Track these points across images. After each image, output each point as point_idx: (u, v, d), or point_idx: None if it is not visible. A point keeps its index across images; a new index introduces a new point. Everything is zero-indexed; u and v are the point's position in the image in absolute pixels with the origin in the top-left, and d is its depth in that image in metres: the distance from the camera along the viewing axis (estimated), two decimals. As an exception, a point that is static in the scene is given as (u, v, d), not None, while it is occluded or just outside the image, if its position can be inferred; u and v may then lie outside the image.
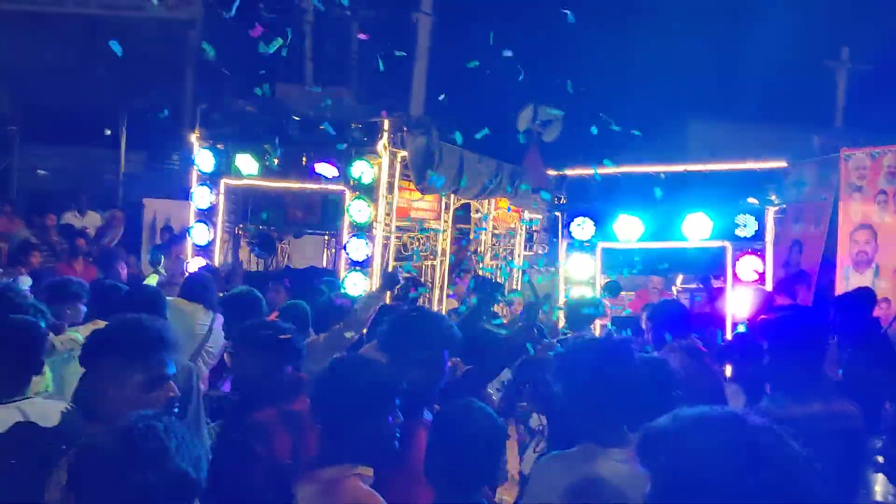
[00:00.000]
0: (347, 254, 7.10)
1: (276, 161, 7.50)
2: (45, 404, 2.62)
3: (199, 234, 7.69)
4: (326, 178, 7.26)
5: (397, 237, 7.73)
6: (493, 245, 9.49)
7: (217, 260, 7.64)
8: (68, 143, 23.93)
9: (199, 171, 7.68)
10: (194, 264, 7.35)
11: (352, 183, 7.12)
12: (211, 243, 7.66)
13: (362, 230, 7.11)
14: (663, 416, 1.59)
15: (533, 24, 15.81)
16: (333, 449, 2.50)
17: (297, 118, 7.35)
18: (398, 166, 7.31)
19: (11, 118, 25.41)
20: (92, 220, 11.79)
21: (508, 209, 9.74)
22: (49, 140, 24.57)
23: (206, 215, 7.71)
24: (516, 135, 15.54)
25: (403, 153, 7.29)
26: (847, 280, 8.19)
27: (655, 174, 7.41)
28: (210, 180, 7.68)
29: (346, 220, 7.15)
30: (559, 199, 7.81)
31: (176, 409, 2.42)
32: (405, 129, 7.22)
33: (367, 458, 2.50)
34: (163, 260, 7.45)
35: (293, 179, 7.52)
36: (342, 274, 7.13)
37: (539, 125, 15.36)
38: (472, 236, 9.24)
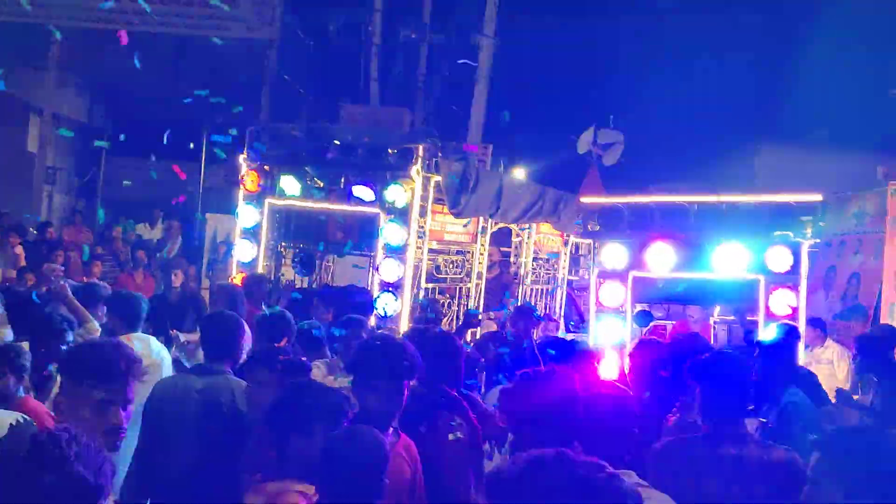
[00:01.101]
0: (380, 275, 7.34)
1: (317, 183, 7.82)
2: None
3: (244, 250, 8.05)
4: (364, 200, 7.51)
5: (431, 259, 7.92)
6: (535, 268, 9.56)
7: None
8: (154, 156, 25.01)
9: (246, 190, 8.04)
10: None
11: (386, 206, 7.35)
12: (255, 260, 8.01)
13: (395, 252, 7.33)
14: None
15: (595, 47, 15.87)
16: (279, 464, 2.71)
17: (337, 143, 7.62)
18: (432, 190, 7.51)
19: (102, 131, 26.75)
20: (158, 233, 12.37)
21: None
22: (136, 153, 25.77)
23: (251, 233, 8.06)
24: (575, 157, 15.65)
25: (438, 178, 7.48)
26: (892, 318, 7.97)
27: (689, 205, 7.38)
28: (255, 200, 8.03)
29: (381, 242, 7.39)
30: (592, 226, 7.84)
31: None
32: (440, 154, 7.41)
33: (309, 475, 2.69)
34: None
35: (333, 201, 7.80)
36: (375, 294, 7.36)
37: (599, 148, 15.40)
38: (511, 259, 9.35)
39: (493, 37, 14.86)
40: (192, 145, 27.12)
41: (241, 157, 8.18)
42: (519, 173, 22.37)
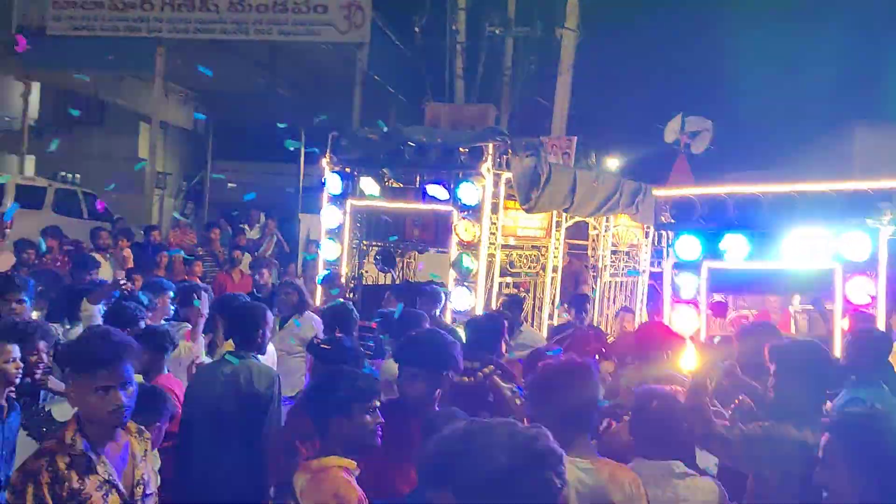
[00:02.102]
0: (454, 270, 7.62)
1: (394, 184, 8.17)
2: None
3: (329, 249, 8.48)
4: (438, 199, 7.80)
5: (506, 254, 8.13)
6: (614, 261, 9.63)
7: (344, 273, 8.40)
8: (254, 159, 26.09)
9: (329, 192, 8.47)
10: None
11: (459, 203, 7.61)
12: (339, 258, 8.43)
13: (469, 248, 7.60)
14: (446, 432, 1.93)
15: (679, 34, 15.67)
16: (323, 444, 3.03)
17: (412, 144, 7.92)
18: (503, 187, 7.71)
19: (205, 136, 28.02)
20: (255, 233, 13.00)
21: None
22: (237, 156, 26.95)
23: (335, 232, 8.49)
24: (662, 146, 15.50)
25: (508, 174, 7.68)
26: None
27: (762, 194, 7.33)
28: (338, 201, 8.44)
29: (454, 238, 7.66)
30: (665, 218, 7.87)
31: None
32: (510, 151, 7.61)
33: (350, 451, 3.01)
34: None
35: (409, 200, 8.12)
36: (451, 288, 7.65)
37: (688, 136, 15.19)
38: (589, 252, 9.45)
39: (575, 29, 14.88)
40: (291, 147, 28.08)
41: (324, 161, 8.59)
42: (612, 163, 22.33)
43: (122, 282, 5.82)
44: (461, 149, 7.70)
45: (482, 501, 1.75)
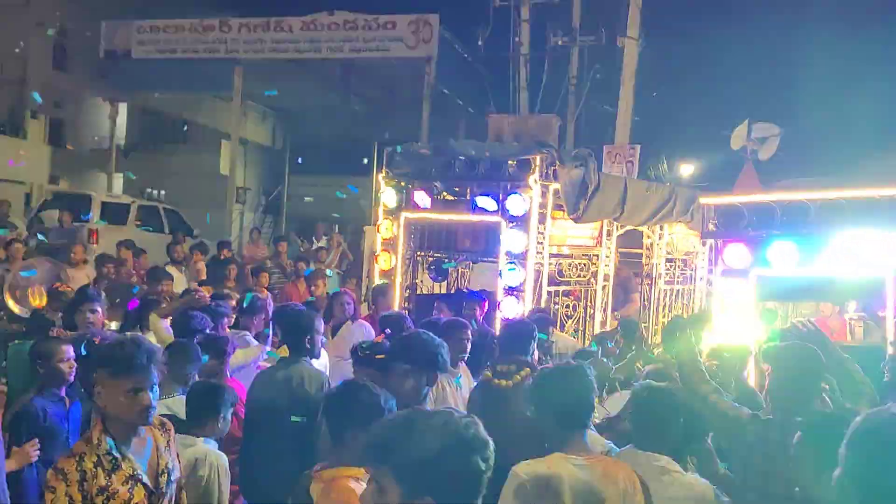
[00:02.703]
0: (503, 279, 7.83)
1: (446, 196, 8.44)
2: None
3: (385, 261, 8.80)
4: (487, 210, 8.03)
5: (556, 263, 8.28)
6: (669, 269, 9.64)
7: (398, 283, 8.71)
8: (329, 173, 26.80)
9: (385, 206, 8.79)
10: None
11: (507, 214, 7.82)
12: (393, 269, 8.74)
13: (516, 257, 7.79)
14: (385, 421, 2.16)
15: (741, 41, 15.48)
16: (336, 454, 3.24)
17: (462, 158, 8.17)
18: (550, 198, 7.88)
19: (283, 152, 28.89)
20: (322, 244, 13.44)
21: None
22: (313, 170, 27.74)
23: (390, 244, 8.80)
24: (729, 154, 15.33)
25: (556, 185, 7.85)
26: None
27: (810, 201, 7.29)
28: (393, 214, 8.76)
29: (503, 249, 7.87)
30: (712, 226, 7.89)
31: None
32: (557, 163, 7.78)
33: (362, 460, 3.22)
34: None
35: (460, 212, 8.37)
36: (500, 297, 7.86)
37: (755, 142, 15.00)
38: (644, 260, 9.50)
39: (636, 38, 14.90)
40: (364, 160, 28.79)
41: (380, 176, 8.92)
42: (685, 170, 22.05)
43: (196, 292, 6.26)
44: (509, 161, 7.91)
45: (414, 479, 1.98)
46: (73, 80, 26.15)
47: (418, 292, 9.03)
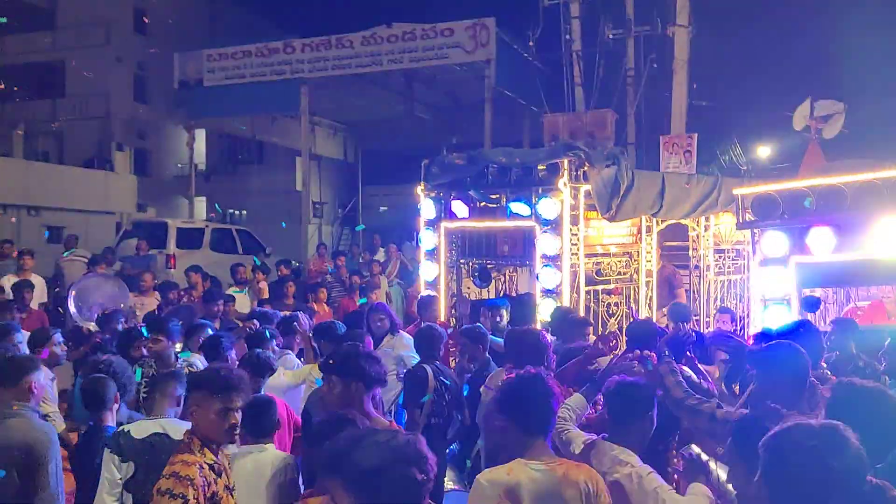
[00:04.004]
0: (539, 282, 7.94)
1: (483, 204, 8.61)
2: None
3: (428, 270, 9.03)
4: (521, 215, 8.15)
5: (596, 263, 8.32)
6: (718, 260, 9.51)
7: (442, 291, 8.92)
8: (401, 182, 27.27)
9: (424, 217, 9.02)
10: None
11: (540, 218, 7.92)
12: (437, 277, 8.96)
13: (551, 260, 7.88)
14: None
15: (796, 20, 15.01)
16: (320, 481, 3.41)
17: (495, 166, 8.32)
18: (582, 199, 7.93)
19: (355, 164, 29.50)
20: (381, 256, 13.76)
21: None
22: (385, 180, 28.25)
23: (432, 254, 9.02)
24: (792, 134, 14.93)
25: (587, 186, 7.90)
26: None
27: (844, 185, 7.13)
28: (433, 224, 8.97)
29: (538, 252, 7.98)
30: (747, 216, 7.78)
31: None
32: (587, 164, 7.83)
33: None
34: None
35: (496, 218, 8.52)
36: (538, 300, 7.97)
37: (818, 121, 14.55)
38: (690, 252, 9.41)
39: (687, 25, 14.68)
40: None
41: (419, 188, 9.15)
42: (763, 152, 21.52)
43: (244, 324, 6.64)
44: (539, 166, 8.01)
45: (360, 489, 2.26)
46: (153, 111, 27.47)
47: (472, 298, 9.19)
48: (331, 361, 4.01)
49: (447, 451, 5.91)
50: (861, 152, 13.47)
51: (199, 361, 5.90)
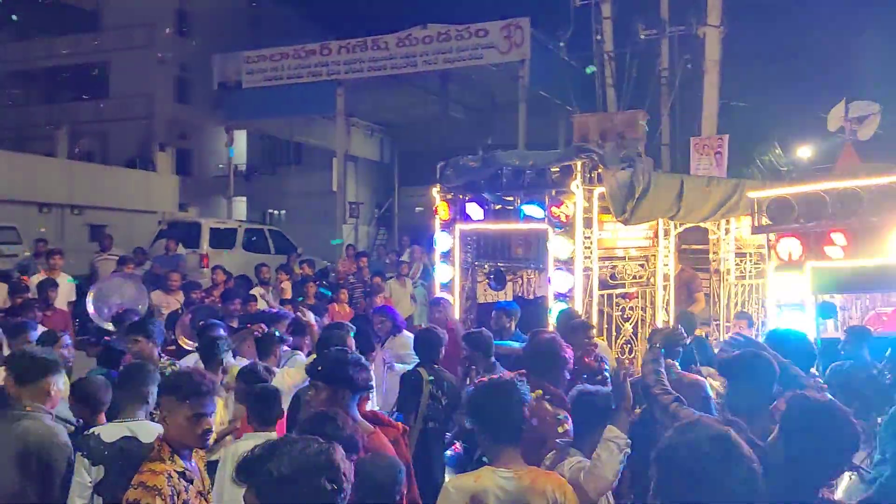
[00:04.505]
0: (552, 286, 7.90)
1: (497, 206, 8.60)
2: None
3: (443, 272, 9.05)
4: (534, 217, 8.12)
5: (612, 266, 8.25)
6: (739, 264, 9.36)
7: (457, 293, 8.93)
8: (436, 182, 27.28)
9: (440, 219, 9.04)
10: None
11: (553, 221, 7.87)
12: (451, 280, 8.98)
13: (564, 263, 7.84)
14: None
15: (830, 20, 14.68)
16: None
17: (509, 168, 8.30)
18: (595, 202, 7.87)
19: (391, 165, 29.64)
20: (406, 257, 13.81)
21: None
22: (421, 181, 28.30)
23: (447, 256, 9.04)
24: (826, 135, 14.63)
25: (602, 189, 7.83)
26: None
27: (860, 189, 6.98)
28: (448, 226, 8.99)
29: (550, 255, 7.94)
30: (762, 220, 7.65)
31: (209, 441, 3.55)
32: (601, 166, 7.77)
33: None
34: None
35: (510, 221, 8.50)
36: (550, 303, 7.94)
37: (853, 122, 14.24)
38: (711, 256, 9.28)
39: (718, 25, 14.48)
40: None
41: (435, 190, 9.17)
42: (803, 152, 21.14)
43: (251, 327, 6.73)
44: (552, 168, 7.97)
45: (270, 496, 2.25)
46: (195, 111, 27.94)
47: (480, 301, 9.20)
48: (318, 368, 4.04)
49: (448, 453, 5.93)
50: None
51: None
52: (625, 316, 8.31)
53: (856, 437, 2.55)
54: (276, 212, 30.42)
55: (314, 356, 5.20)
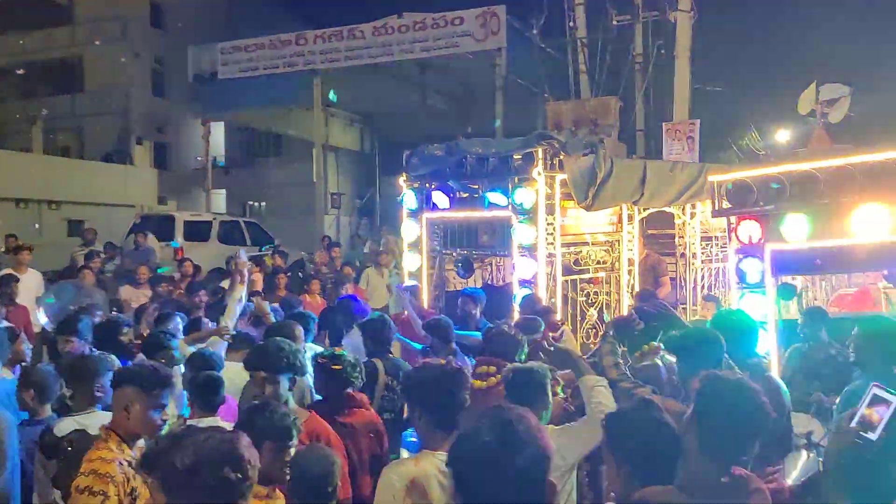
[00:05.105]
0: (516, 272, 7.93)
1: (463, 194, 8.60)
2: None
3: (410, 260, 9.05)
4: (498, 205, 8.13)
5: (576, 252, 8.28)
6: (704, 248, 9.41)
7: (424, 281, 8.95)
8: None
9: (407, 208, 9.04)
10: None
11: (516, 208, 7.90)
12: (419, 267, 8.99)
13: (527, 250, 7.86)
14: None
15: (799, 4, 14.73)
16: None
17: (473, 157, 8.30)
18: (557, 188, 7.89)
19: (372, 155, 29.56)
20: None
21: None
22: (402, 170, 28.25)
23: (415, 245, 9.04)
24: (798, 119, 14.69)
25: (563, 176, 7.85)
26: None
27: (818, 171, 7.01)
28: (414, 215, 9.00)
29: (514, 242, 7.96)
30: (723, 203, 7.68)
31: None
32: (562, 153, 7.79)
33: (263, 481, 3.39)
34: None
35: (475, 209, 8.51)
36: (515, 290, 7.96)
37: (824, 105, 14.28)
38: (676, 240, 9.32)
39: (689, 11, 14.49)
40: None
41: (401, 179, 9.17)
42: (781, 136, 21.22)
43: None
44: (515, 155, 7.98)
45: (171, 488, 2.26)
46: (172, 104, 27.78)
47: (449, 289, 9.21)
48: (254, 357, 4.06)
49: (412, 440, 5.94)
50: (870, 137, 13.25)
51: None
52: (590, 301, 8.35)
53: (765, 415, 2.59)
54: (256, 204, 30.31)
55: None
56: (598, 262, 8.43)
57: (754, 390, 2.64)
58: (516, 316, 7.87)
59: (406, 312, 7.86)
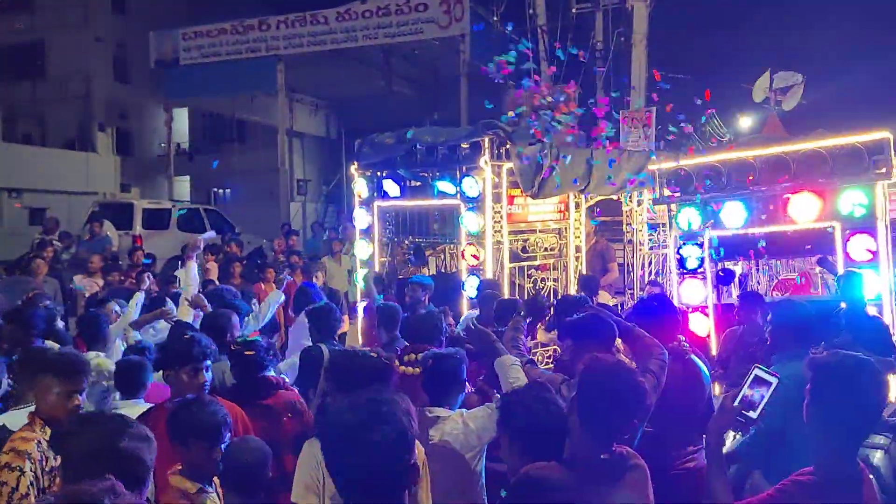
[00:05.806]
0: (464, 260, 8.05)
1: (413, 183, 8.70)
2: None
3: (361, 249, 9.14)
4: (448, 194, 8.24)
5: (524, 240, 8.41)
6: (652, 235, 9.59)
7: (376, 269, 9.04)
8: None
9: (358, 197, 9.12)
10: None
11: (464, 197, 8.01)
12: (371, 256, 9.08)
13: (475, 237, 7.98)
14: None
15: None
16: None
17: (422, 145, 8.39)
18: (504, 177, 8.01)
19: (338, 141, 29.47)
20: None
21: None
22: (365, 157, 28.22)
23: (366, 233, 9.12)
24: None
25: (510, 164, 7.97)
26: None
27: (754, 160, 7.21)
28: (366, 203, 9.07)
29: (463, 230, 8.08)
30: (665, 191, 7.87)
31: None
32: (509, 142, 7.90)
33: (195, 476, 3.41)
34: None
35: (425, 198, 8.61)
36: (463, 276, 8.09)
37: (778, 93, 14.54)
38: (624, 227, 9.50)
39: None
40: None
41: (353, 168, 9.23)
42: (745, 122, 21.42)
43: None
44: (462, 144, 8.09)
45: (75, 471, 2.35)
46: (134, 90, 27.48)
47: (401, 276, 9.30)
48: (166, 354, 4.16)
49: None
50: (826, 124, 13.49)
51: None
52: (537, 287, 8.49)
53: (640, 395, 2.73)
54: (220, 191, 30.14)
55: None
56: (547, 249, 8.57)
57: (629, 371, 2.81)
58: (465, 303, 8.07)
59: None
